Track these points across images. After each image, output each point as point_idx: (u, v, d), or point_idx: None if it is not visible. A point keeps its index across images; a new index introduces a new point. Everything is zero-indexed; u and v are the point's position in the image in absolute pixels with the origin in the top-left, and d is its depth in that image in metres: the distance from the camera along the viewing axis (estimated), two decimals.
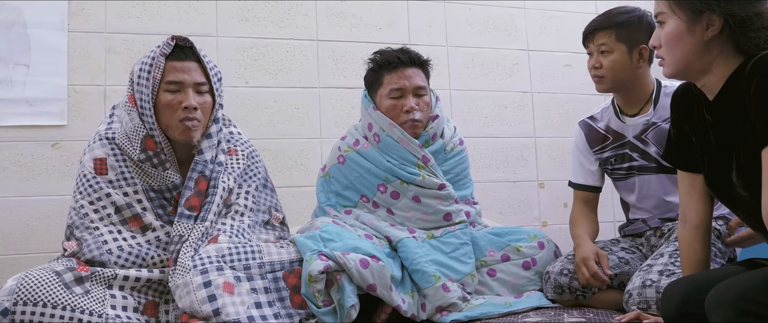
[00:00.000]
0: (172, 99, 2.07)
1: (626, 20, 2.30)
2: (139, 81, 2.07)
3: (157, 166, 2.11)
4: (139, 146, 2.08)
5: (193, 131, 2.10)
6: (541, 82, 3.61)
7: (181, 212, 2.07)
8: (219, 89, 2.18)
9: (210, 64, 2.15)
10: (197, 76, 2.11)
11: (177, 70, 2.08)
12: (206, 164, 2.14)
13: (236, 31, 3.15)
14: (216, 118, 2.20)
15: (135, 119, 2.08)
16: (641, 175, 2.38)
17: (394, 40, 3.27)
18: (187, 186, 2.11)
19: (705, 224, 1.77)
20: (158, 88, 2.07)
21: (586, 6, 3.71)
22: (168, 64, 2.08)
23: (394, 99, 2.43)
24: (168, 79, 2.07)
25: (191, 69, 2.10)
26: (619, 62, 2.30)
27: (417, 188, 2.42)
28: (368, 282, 2.04)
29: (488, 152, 3.47)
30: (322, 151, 3.17)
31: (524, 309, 2.25)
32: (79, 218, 2.04)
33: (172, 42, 2.10)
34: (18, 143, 2.81)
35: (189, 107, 2.06)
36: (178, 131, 2.09)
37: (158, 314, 1.99)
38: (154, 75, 2.06)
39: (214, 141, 2.18)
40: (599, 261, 2.25)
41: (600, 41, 2.32)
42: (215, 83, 2.16)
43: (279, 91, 3.18)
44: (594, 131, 2.50)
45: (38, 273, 1.81)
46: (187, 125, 2.08)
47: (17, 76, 2.83)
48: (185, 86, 2.08)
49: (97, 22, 2.97)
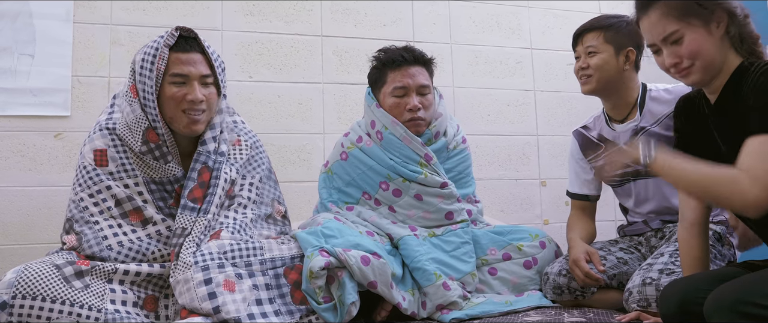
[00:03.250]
0: (177, 92, 2.03)
1: (615, 23, 2.34)
2: (142, 71, 2.03)
3: (159, 159, 2.08)
4: (141, 137, 2.05)
5: (199, 124, 2.08)
6: (544, 80, 3.62)
7: (184, 204, 2.05)
8: (223, 79, 2.15)
9: (214, 55, 2.12)
10: (203, 68, 2.07)
11: (182, 63, 2.04)
12: (209, 155, 2.12)
13: (241, 25, 3.15)
14: (219, 108, 2.18)
15: (136, 110, 2.04)
16: (637, 180, 2.39)
17: (399, 37, 3.27)
18: (191, 177, 2.09)
19: (701, 222, 1.79)
20: (162, 80, 2.04)
21: (589, 5, 3.71)
22: (173, 55, 2.04)
23: (398, 97, 2.44)
24: (173, 72, 2.03)
25: (197, 61, 2.06)
26: (606, 62, 2.32)
27: (419, 186, 2.42)
28: (369, 279, 2.04)
29: (490, 149, 3.47)
30: (325, 147, 3.17)
31: (525, 308, 2.25)
32: (78, 212, 2.01)
33: (176, 33, 2.06)
34: (21, 133, 2.82)
35: (195, 100, 2.04)
36: (183, 123, 2.06)
37: (158, 308, 1.98)
38: (158, 66, 2.01)
39: (217, 131, 2.16)
40: (591, 259, 2.27)
41: (588, 43, 2.36)
42: (220, 74, 2.13)
43: (283, 86, 3.18)
44: (587, 140, 2.51)
45: (38, 267, 1.79)
46: (193, 118, 2.05)
47: (22, 66, 2.83)
48: (191, 78, 2.04)
49: (103, 14, 2.97)
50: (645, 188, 2.38)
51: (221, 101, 2.17)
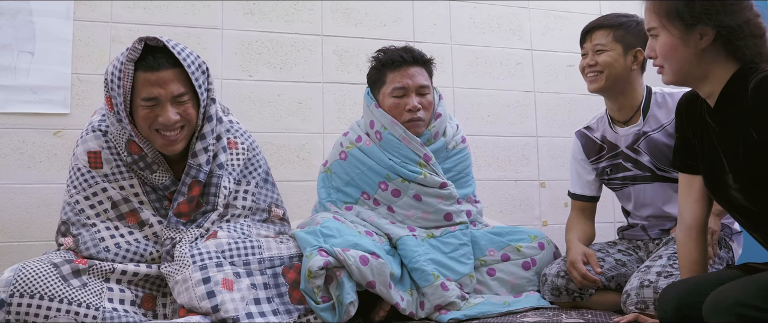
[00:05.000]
0: (148, 114, 1.91)
1: (625, 22, 2.33)
2: (112, 87, 1.91)
3: (144, 169, 2.02)
4: (124, 148, 1.99)
5: (176, 144, 1.98)
6: (543, 81, 3.62)
7: (170, 217, 2.02)
8: (203, 83, 2.00)
9: (188, 62, 1.93)
10: (174, 87, 1.91)
11: (151, 84, 1.89)
12: (200, 169, 2.04)
13: (241, 24, 3.15)
14: (209, 116, 2.04)
15: (114, 122, 1.96)
16: (636, 185, 2.39)
17: (399, 37, 3.28)
18: (180, 191, 2.03)
19: (699, 226, 1.78)
20: (132, 98, 1.91)
21: (590, 6, 3.72)
22: (140, 76, 1.88)
23: (397, 98, 2.43)
24: (143, 96, 1.89)
25: (167, 80, 1.90)
26: (615, 61, 2.30)
27: (418, 187, 2.42)
28: (368, 278, 2.04)
29: (490, 150, 3.47)
30: (325, 146, 3.17)
31: (523, 308, 2.25)
32: (74, 215, 1.98)
33: (140, 45, 1.88)
34: (20, 130, 2.82)
35: (167, 123, 1.92)
36: (158, 144, 1.97)
37: (156, 307, 1.97)
38: (124, 84, 1.87)
39: (209, 141, 2.05)
40: (588, 260, 2.27)
41: (597, 40, 2.34)
42: (200, 83, 1.98)
43: (283, 85, 3.18)
44: (590, 141, 2.50)
45: (35, 265, 1.78)
46: (169, 139, 1.96)
47: (21, 64, 2.83)
48: (162, 100, 1.91)
49: (103, 12, 2.97)
50: (643, 193, 2.38)
51: (209, 107, 2.04)
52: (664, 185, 2.33)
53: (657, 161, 2.30)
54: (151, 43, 1.91)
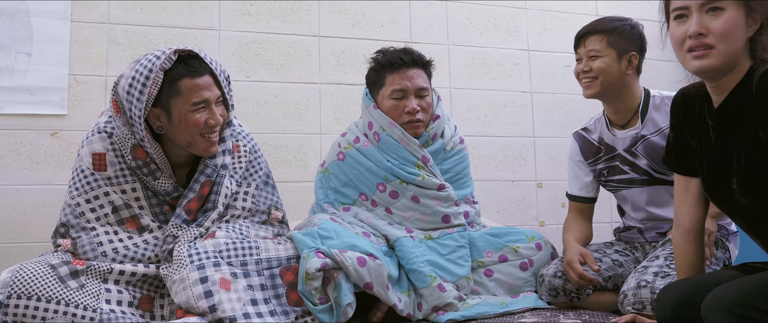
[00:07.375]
0: (200, 118, 1.99)
1: (619, 27, 2.31)
2: (131, 92, 1.95)
3: (148, 175, 2.04)
4: (129, 153, 2.02)
5: (216, 146, 2.08)
6: (541, 82, 3.62)
7: (178, 213, 2.04)
8: (229, 91, 2.11)
9: (218, 70, 2.06)
10: (216, 90, 2.03)
11: (200, 88, 1.98)
12: (216, 169, 2.11)
13: (238, 25, 3.15)
14: (229, 121, 2.17)
15: (121, 127, 2.01)
16: (632, 188, 2.39)
17: (396, 38, 3.28)
18: (192, 188, 2.07)
19: (696, 229, 1.76)
20: (172, 105, 1.98)
21: (586, 7, 3.72)
22: (188, 82, 1.96)
23: (396, 100, 2.43)
24: (193, 101, 1.97)
25: (211, 85, 2.01)
26: (609, 66, 2.29)
27: (416, 188, 2.42)
28: (365, 280, 2.04)
29: (487, 151, 3.48)
30: (322, 147, 3.17)
31: (520, 309, 2.25)
32: (74, 218, 1.99)
33: (174, 56, 1.97)
34: (17, 131, 2.81)
35: (216, 124, 2.03)
36: (202, 147, 2.04)
37: (153, 308, 1.97)
38: (151, 91, 1.93)
39: (228, 145, 2.16)
40: (585, 260, 2.27)
41: (591, 46, 2.32)
42: (226, 89, 2.09)
43: (280, 86, 3.18)
44: (588, 143, 2.50)
45: (33, 267, 1.79)
46: (211, 140, 2.05)
47: (19, 65, 2.83)
48: (210, 102, 2.01)
49: (101, 13, 2.97)
50: (639, 196, 2.38)
51: (230, 113, 2.15)
52: (660, 188, 2.33)
53: (655, 164, 2.30)
54: (184, 55, 1.99)
